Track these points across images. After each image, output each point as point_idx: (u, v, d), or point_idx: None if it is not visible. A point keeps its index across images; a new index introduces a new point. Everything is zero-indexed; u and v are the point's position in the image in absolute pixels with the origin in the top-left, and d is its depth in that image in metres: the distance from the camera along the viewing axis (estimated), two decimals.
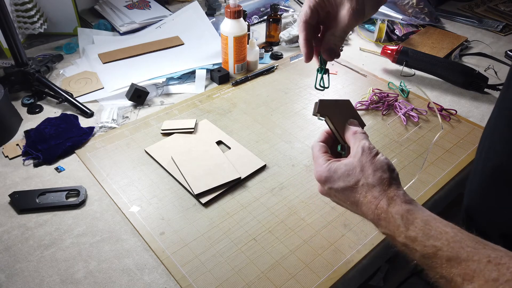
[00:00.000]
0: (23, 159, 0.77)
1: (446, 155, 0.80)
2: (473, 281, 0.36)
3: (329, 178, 0.48)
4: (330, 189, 0.49)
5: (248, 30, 1.07)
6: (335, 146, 0.53)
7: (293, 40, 1.17)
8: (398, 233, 0.42)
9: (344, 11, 0.49)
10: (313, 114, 0.52)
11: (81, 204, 0.68)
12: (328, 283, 0.58)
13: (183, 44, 1.15)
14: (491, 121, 0.54)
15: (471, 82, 1.00)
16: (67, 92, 0.92)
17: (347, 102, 0.53)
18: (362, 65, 1.09)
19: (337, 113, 0.51)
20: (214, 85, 1.01)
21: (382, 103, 0.93)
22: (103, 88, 0.98)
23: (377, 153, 0.46)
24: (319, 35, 0.55)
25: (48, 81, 0.93)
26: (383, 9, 1.25)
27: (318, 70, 0.55)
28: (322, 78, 0.55)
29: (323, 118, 0.51)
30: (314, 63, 0.56)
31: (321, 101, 0.51)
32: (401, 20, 1.24)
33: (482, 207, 0.54)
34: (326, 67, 0.55)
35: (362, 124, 0.52)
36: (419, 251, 0.40)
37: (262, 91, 0.98)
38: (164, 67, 1.03)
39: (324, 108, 0.51)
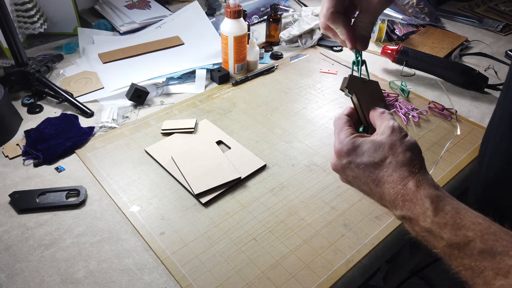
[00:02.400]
0: (23, 159, 0.77)
1: (446, 155, 0.80)
2: (508, 277, 0.33)
3: (352, 151, 0.44)
4: (349, 163, 0.45)
5: (248, 30, 1.07)
6: (357, 125, 0.50)
7: (293, 40, 1.17)
8: (423, 218, 0.39)
9: None
10: (340, 89, 0.49)
11: (81, 204, 0.68)
12: (328, 283, 0.58)
13: (183, 44, 1.15)
14: (493, 122, 0.54)
15: (471, 82, 1.00)
16: (67, 92, 0.92)
17: (376, 83, 0.50)
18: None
19: (365, 92, 0.48)
20: (214, 85, 1.01)
21: None
22: (103, 88, 0.98)
23: (406, 134, 0.44)
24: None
25: (48, 81, 0.93)
26: None
27: (353, 63, 0.51)
28: (360, 70, 0.50)
29: (350, 95, 0.48)
30: (314, 62, 0.55)
31: (351, 76, 0.48)
32: (401, 20, 1.24)
33: (488, 210, 0.54)
34: (363, 58, 0.50)
35: (387, 108, 0.49)
36: (446, 240, 0.38)
37: (262, 91, 0.98)
38: (164, 67, 1.03)
39: (353, 84, 0.48)
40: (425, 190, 0.40)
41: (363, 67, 0.51)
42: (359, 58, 0.50)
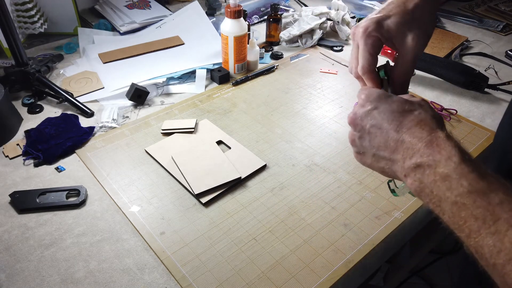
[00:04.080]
0: (23, 159, 0.77)
1: None
2: None
3: (383, 97, 0.44)
4: (375, 108, 0.44)
5: (248, 30, 1.07)
6: None
7: (293, 40, 1.17)
8: (446, 163, 0.37)
9: (409, 40, 0.46)
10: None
11: (82, 204, 0.68)
12: (328, 283, 0.58)
13: (183, 44, 1.15)
14: (505, 123, 0.52)
15: (471, 82, 1.00)
16: (67, 92, 0.92)
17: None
18: None
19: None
20: (214, 85, 1.01)
21: None
22: (103, 88, 0.98)
23: None
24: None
25: (48, 81, 0.93)
26: None
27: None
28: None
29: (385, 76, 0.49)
30: (314, 62, 0.56)
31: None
32: None
33: None
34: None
35: None
36: (466, 186, 0.36)
37: (262, 91, 0.98)
38: (164, 67, 1.03)
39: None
40: (455, 141, 0.39)
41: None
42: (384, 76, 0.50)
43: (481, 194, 0.35)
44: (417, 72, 1.07)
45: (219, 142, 0.82)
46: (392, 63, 0.50)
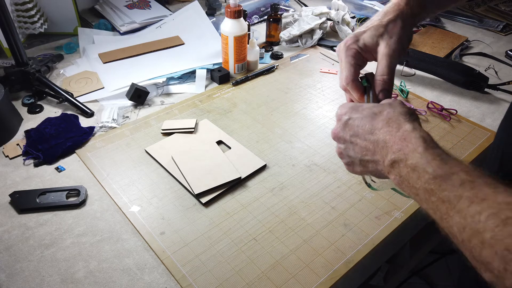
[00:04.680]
0: (23, 159, 0.77)
1: None
2: (482, 203, 0.34)
3: (354, 108, 0.48)
4: (349, 119, 0.48)
5: (248, 30, 1.07)
6: None
7: (293, 40, 1.17)
8: (413, 154, 0.40)
9: (382, 48, 0.51)
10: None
11: (82, 204, 0.68)
12: (328, 283, 0.58)
13: (183, 44, 1.15)
14: (506, 123, 0.53)
15: (471, 82, 1.00)
16: (67, 92, 0.92)
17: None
18: None
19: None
20: (215, 85, 1.01)
21: None
22: (103, 88, 0.98)
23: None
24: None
25: (48, 81, 0.93)
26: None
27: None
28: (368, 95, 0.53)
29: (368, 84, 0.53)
30: (315, 62, 0.56)
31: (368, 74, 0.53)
32: None
33: None
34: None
35: None
36: (431, 173, 0.38)
37: (263, 91, 0.98)
38: (164, 67, 1.03)
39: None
40: (420, 132, 0.42)
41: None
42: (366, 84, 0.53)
43: (445, 178, 0.38)
44: (417, 72, 1.08)
45: (219, 142, 0.82)
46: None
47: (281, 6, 1.27)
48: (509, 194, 0.34)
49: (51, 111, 0.91)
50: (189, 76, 1.03)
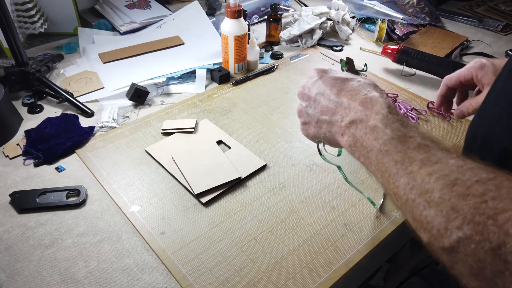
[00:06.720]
0: (23, 159, 0.77)
1: None
2: (433, 166, 0.35)
3: (328, 70, 0.51)
4: (321, 78, 0.50)
5: (249, 29, 1.07)
6: None
7: (293, 40, 1.17)
8: (375, 116, 0.42)
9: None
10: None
11: (82, 203, 0.68)
12: (328, 282, 0.58)
13: (183, 43, 1.15)
14: (485, 111, 0.53)
15: None
16: (67, 92, 0.92)
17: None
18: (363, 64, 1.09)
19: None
20: (215, 84, 1.01)
21: None
22: (103, 87, 0.98)
23: None
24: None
25: (48, 81, 0.93)
26: (383, 8, 1.25)
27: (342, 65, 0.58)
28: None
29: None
30: (315, 62, 0.56)
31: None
32: (402, 19, 1.24)
33: None
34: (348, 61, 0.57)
35: None
36: (390, 134, 0.40)
37: (263, 91, 0.98)
38: (164, 67, 1.03)
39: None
40: (385, 100, 0.44)
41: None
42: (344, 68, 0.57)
43: (402, 140, 0.39)
44: (417, 72, 1.08)
45: (219, 142, 0.82)
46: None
47: (281, 6, 1.27)
48: (461, 159, 0.34)
49: (51, 111, 0.91)
50: (189, 76, 1.03)
